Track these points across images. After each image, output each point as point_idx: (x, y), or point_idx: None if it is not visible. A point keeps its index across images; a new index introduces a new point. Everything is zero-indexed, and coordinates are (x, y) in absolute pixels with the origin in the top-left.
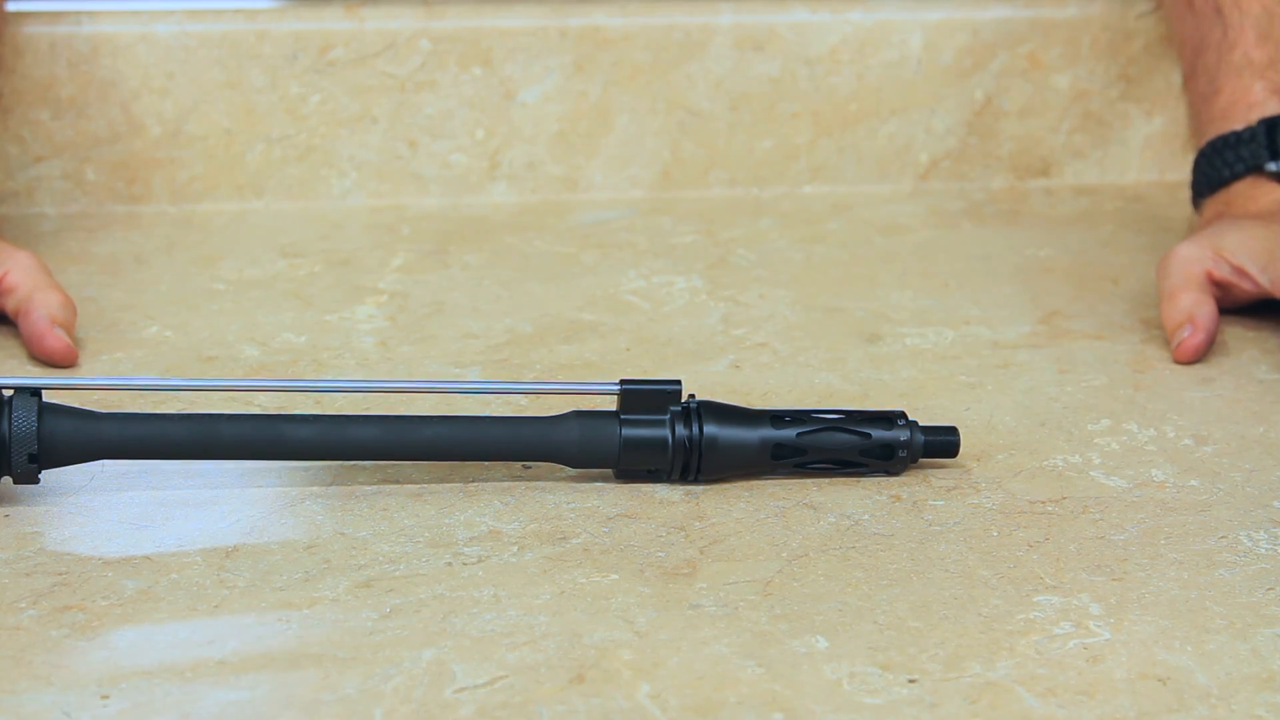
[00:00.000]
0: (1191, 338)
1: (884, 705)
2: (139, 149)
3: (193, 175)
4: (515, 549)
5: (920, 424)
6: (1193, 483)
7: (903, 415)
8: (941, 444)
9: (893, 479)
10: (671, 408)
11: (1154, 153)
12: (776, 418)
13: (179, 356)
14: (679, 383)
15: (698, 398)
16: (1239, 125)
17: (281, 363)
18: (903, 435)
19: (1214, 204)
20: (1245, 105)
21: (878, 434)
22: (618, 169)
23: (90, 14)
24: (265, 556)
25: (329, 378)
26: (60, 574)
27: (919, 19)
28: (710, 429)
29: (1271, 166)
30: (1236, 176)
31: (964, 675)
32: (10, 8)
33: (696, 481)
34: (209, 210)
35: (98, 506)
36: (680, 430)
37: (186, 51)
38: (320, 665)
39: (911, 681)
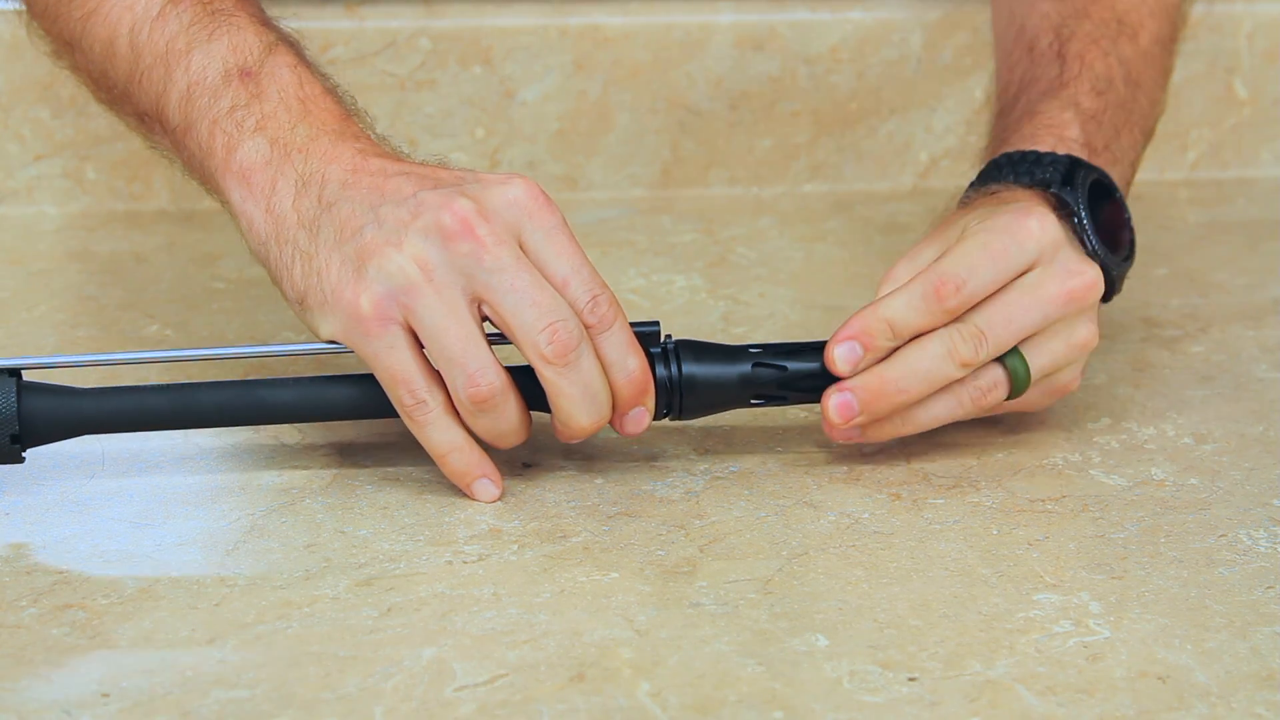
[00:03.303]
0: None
1: (884, 703)
2: (139, 148)
3: None
4: (515, 547)
5: None
6: (1192, 481)
7: None
8: None
9: (893, 477)
10: (650, 349)
11: (1153, 152)
12: (755, 351)
13: None
14: (657, 324)
15: (675, 338)
16: (1044, 149)
17: (282, 360)
18: None
19: (979, 195)
20: (1057, 137)
21: None
22: (617, 168)
23: None
24: (265, 555)
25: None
26: (60, 572)
27: (919, 18)
28: (689, 368)
29: (1054, 189)
30: (1020, 185)
31: (964, 673)
32: (11, 7)
33: (681, 417)
34: (209, 209)
35: (98, 505)
36: (660, 371)
37: None
38: (320, 663)
39: (911, 680)
